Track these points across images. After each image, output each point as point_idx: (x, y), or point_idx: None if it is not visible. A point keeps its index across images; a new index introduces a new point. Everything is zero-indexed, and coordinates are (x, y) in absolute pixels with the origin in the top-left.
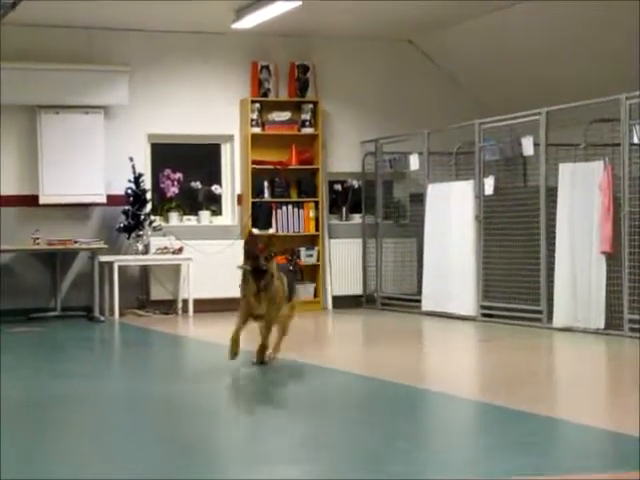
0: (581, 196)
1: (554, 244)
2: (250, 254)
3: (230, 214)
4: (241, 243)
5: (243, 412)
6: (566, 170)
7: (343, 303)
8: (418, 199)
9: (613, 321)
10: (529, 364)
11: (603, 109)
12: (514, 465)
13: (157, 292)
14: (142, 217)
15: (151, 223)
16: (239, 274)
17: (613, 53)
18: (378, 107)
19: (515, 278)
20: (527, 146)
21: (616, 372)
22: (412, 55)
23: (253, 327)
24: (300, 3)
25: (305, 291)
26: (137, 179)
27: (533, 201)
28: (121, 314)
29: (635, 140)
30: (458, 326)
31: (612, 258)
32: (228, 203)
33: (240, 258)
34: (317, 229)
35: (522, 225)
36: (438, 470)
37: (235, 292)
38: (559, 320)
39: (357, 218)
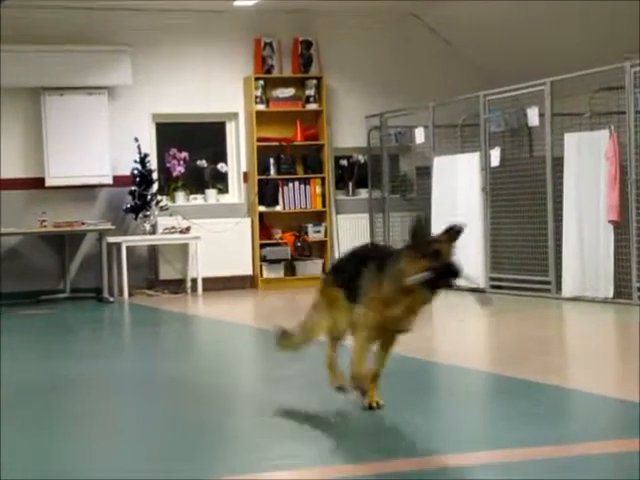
0: (587, 165)
1: (561, 214)
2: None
3: (237, 192)
4: (247, 222)
5: (258, 392)
6: (572, 140)
7: None
8: (424, 172)
9: (622, 290)
10: (539, 335)
11: (608, 77)
12: (525, 434)
13: (166, 272)
14: (149, 197)
15: (158, 203)
16: (247, 252)
17: (617, 20)
18: (382, 81)
19: (523, 249)
20: (532, 117)
21: (625, 341)
22: (415, 28)
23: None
24: None
25: (314, 267)
26: (143, 159)
27: (540, 171)
28: (130, 294)
29: None
30: (467, 298)
31: (620, 227)
32: (234, 181)
33: (247, 235)
34: (324, 205)
35: (529, 196)
36: (449, 442)
37: (244, 269)
38: (568, 290)
39: (364, 193)
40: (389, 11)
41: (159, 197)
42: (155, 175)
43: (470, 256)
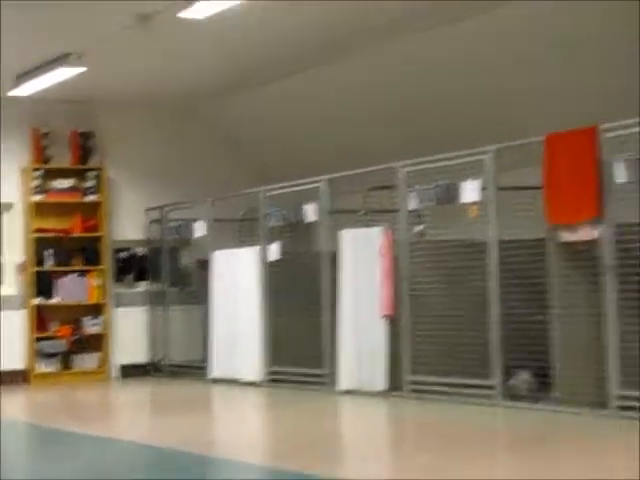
0: (363, 261)
1: (338, 308)
2: None
3: (12, 283)
4: (22, 314)
5: None
6: (348, 236)
7: (130, 372)
8: (205, 266)
9: (395, 383)
10: (314, 428)
11: (381, 176)
12: None
13: None
14: None
15: None
16: (20, 345)
17: (391, 119)
18: (164, 174)
19: (301, 343)
20: (310, 213)
21: (398, 432)
22: (197, 122)
23: None
24: (85, 69)
25: (90, 361)
26: None
27: (317, 266)
28: None
29: (412, 206)
30: (246, 392)
31: (393, 321)
32: (9, 272)
33: (21, 328)
34: (103, 297)
35: (307, 290)
36: None
37: (16, 363)
38: (343, 383)
39: (143, 286)
40: (170, 104)
41: None
42: None
43: (249, 349)
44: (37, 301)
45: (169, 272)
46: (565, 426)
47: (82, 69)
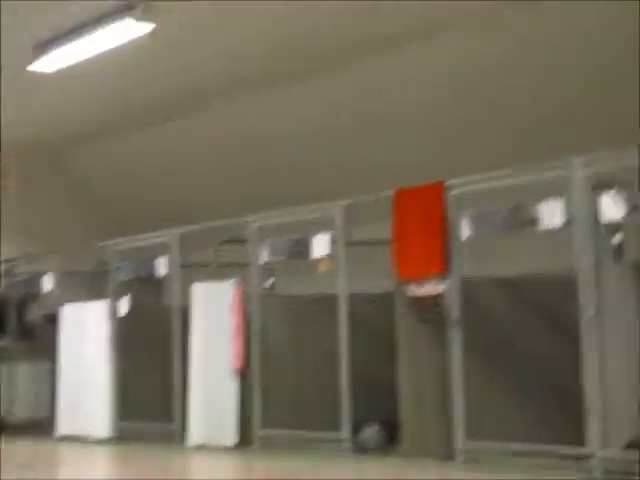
0: (214, 315)
1: (189, 363)
2: None
3: None
4: None
5: None
6: (199, 289)
7: None
8: (52, 320)
9: (246, 437)
10: None
11: (233, 230)
12: None
13: None
14: None
15: None
16: None
17: (244, 173)
18: (11, 226)
19: (151, 398)
20: (160, 266)
21: None
22: (46, 170)
23: None
24: None
25: None
26: None
27: (168, 320)
28: None
29: (263, 260)
30: (93, 450)
31: (244, 375)
32: None
33: None
34: None
35: (158, 344)
36: None
37: None
38: (194, 438)
39: None
40: (26, 153)
41: None
42: None
43: (97, 406)
44: None
45: (15, 326)
46: (412, 478)
47: None
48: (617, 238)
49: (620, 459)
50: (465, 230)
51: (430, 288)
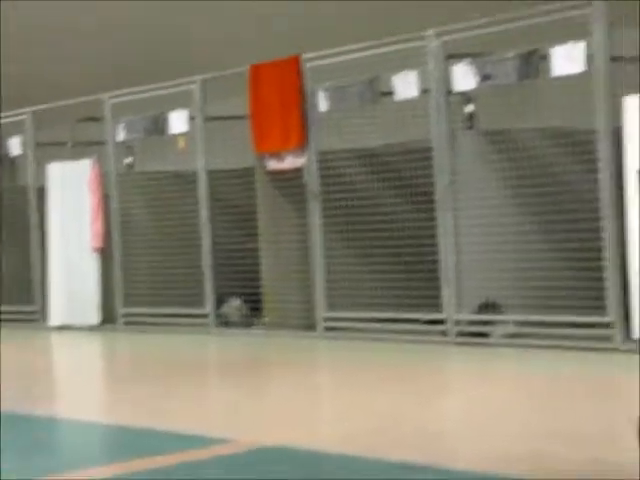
0: (72, 195)
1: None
2: None
3: None
4: None
5: None
6: (55, 170)
7: None
8: None
9: (109, 316)
10: (25, 365)
11: (89, 108)
12: (22, 466)
13: None
14: None
15: None
16: None
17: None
18: None
19: (11, 280)
20: (13, 146)
21: (113, 366)
22: None
23: None
24: None
25: None
26: None
27: (24, 201)
28: None
29: (120, 138)
30: None
31: (105, 254)
32: None
33: None
34: None
35: (14, 226)
36: None
37: None
38: (55, 319)
39: None
40: None
41: None
42: None
43: None
44: None
45: None
46: (276, 349)
47: None
48: (469, 107)
49: (473, 321)
50: (322, 103)
51: (289, 162)
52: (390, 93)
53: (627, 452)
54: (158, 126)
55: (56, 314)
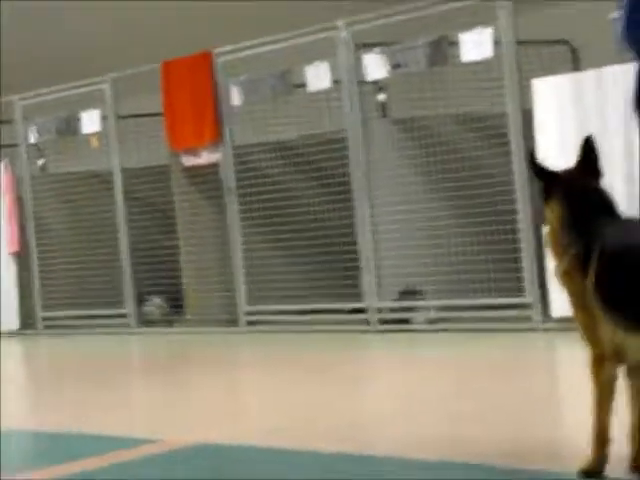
0: None
1: None
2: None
3: None
4: None
5: None
6: None
7: None
8: None
9: (28, 321)
10: None
11: None
12: None
13: None
14: None
15: None
16: None
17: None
18: None
19: None
20: None
21: (35, 370)
22: None
23: None
24: None
25: None
26: None
27: None
28: None
29: (32, 140)
30: None
31: (21, 258)
32: None
33: None
34: None
35: None
36: None
37: None
38: None
39: None
40: None
41: None
42: None
43: None
44: None
45: None
46: (199, 346)
47: None
48: (381, 96)
49: (394, 308)
50: (235, 97)
51: (205, 157)
52: (303, 85)
53: (545, 431)
54: (70, 127)
55: None
